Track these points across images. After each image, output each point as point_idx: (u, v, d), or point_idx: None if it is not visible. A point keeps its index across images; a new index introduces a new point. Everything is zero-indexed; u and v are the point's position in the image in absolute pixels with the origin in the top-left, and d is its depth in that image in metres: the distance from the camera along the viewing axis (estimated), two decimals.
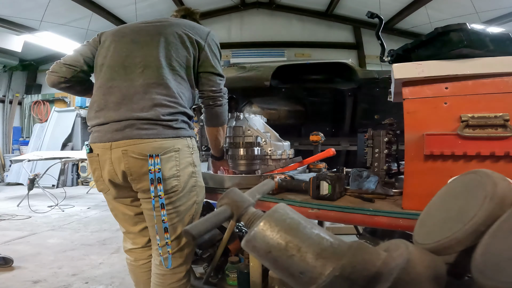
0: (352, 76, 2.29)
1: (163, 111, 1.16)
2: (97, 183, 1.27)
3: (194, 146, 1.27)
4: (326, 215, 1.21)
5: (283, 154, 1.76)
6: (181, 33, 1.27)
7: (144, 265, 1.42)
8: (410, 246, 0.52)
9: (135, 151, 1.12)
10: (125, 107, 1.16)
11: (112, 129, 1.15)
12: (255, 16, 8.06)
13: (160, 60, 1.21)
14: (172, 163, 1.17)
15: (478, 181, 0.56)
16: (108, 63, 1.25)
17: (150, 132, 1.13)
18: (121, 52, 1.25)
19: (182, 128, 1.22)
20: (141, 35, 1.27)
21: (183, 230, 0.61)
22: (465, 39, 1.01)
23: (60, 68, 1.30)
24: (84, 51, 1.33)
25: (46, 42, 5.65)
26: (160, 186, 1.12)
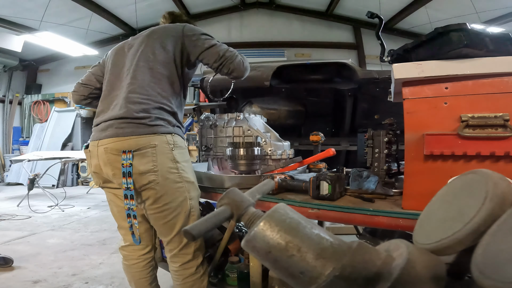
0: (352, 76, 2.29)
1: (135, 108, 1.25)
2: (92, 177, 1.41)
3: (176, 142, 1.31)
4: (326, 215, 1.21)
5: (283, 154, 1.76)
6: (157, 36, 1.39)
7: (135, 265, 1.47)
8: (410, 246, 0.52)
9: (113, 148, 1.23)
10: (109, 109, 1.32)
11: (99, 129, 1.30)
12: (255, 16, 8.06)
13: (137, 64, 1.34)
14: (147, 159, 1.23)
15: (478, 181, 0.56)
16: (107, 78, 1.43)
17: (126, 131, 1.23)
18: (114, 69, 1.42)
19: (159, 125, 1.27)
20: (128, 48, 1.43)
21: (183, 230, 0.62)
22: (465, 39, 1.00)
23: (79, 87, 1.55)
24: (95, 71, 1.53)
25: (46, 42, 5.65)
26: (130, 180, 1.20)
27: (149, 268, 1.50)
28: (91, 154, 1.33)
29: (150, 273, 1.50)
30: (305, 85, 2.57)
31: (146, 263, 1.48)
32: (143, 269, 1.48)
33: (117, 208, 1.42)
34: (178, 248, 1.35)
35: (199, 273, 1.39)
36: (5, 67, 7.58)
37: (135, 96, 1.27)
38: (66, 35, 5.59)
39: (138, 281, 1.48)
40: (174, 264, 1.38)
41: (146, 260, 1.48)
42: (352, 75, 2.28)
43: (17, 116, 8.30)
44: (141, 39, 1.41)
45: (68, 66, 8.24)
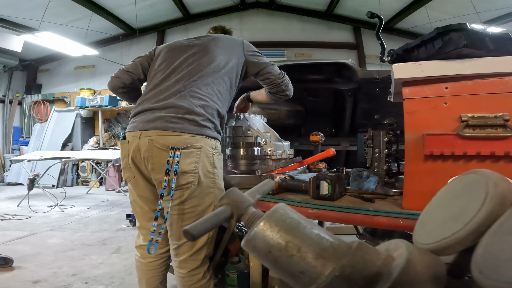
0: (352, 76, 2.29)
1: (196, 102, 1.26)
2: (124, 171, 1.35)
3: (217, 148, 1.32)
4: (326, 215, 1.21)
5: (283, 154, 1.76)
6: (221, 44, 1.44)
7: (150, 263, 1.44)
8: (410, 246, 0.52)
9: (159, 141, 1.20)
10: (163, 96, 1.29)
11: (145, 120, 1.26)
12: (255, 16, 8.06)
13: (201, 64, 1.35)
14: (192, 159, 1.22)
15: (478, 181, 0.56)
16: (160, 70, 1.40)
17: (177, 126, 1.21)
18: (170, 61, 1.40)
19: (208, 127, 1.27)
20: (188, 47, 1.43)
21: (183, 230, 0.61)
22: (465, 39, 1.01)
23: (122, 74, 1.49)
24: (141, 62, 1.50)
25: (46, 42, 5.65)
26: (174, 178, 1.17)
27: (163, 266, 1.47)
28: (130, 145, 1.27)
29: (162, 272, 1.48)
30: (305, 85, 2.57)
31: (162, 262, 1.45)
32: (158, 267, 1.45)
33: (141, 210, 1.39)
34: (189, 254, 1.30)
35: (205, 278, 1.35)
36: (5, 67, 7.59)
37: (198, 91, 1.29)
38: (66, 35, 5.59)
39: (149, 279, 1.44)
40: (182, 270, 1.33)
41: (162, 258, 1.45)
42: (352, 75, 2.28)
43: (17, 116, 8.30)
44: (205, 43, 1.43)
45: (68, 66, 8.24)
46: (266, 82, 1.52)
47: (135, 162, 1.28)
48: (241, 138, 1.71)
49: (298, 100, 2.78)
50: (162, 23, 7.91)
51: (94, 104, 7.17)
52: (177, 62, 1.39)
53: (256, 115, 1.87)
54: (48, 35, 5.33)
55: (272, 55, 7.42)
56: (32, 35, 5.40)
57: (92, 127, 7.96)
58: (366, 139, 1.39)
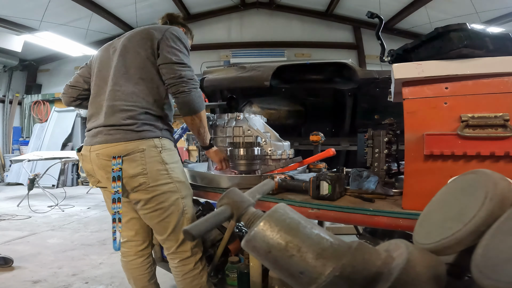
0: (352, 76, 2.29)
1: (123, 115, 1.28)
2: (88, 178, 1.44)
3: (164, 145, 1.33)
4: (326, 215, 1.21)
5: (283, 154, 1.76)
6: (139, 38, 1.36)
7: (132, 262, 1.49)
8: (410, 246, 0.52)
9: (103, 153, 1.27)
10: (97, 116, 1.35)
11: (90, 135, 1.35)
12: (255, 16, 8.06)
13: (118, 69, 1.34)
14: (137, 163, 1.27)
15: (478, 181, 0.56)
16: (94, 80, 1.44)
17: (115, 137, 1.26)
18: (98, 69, 1.43)
19: (146, 130, 1.30)
20: (108, 50, 1.43)
21: (183, 230, 0.62)
22: (465, 39, 1.00)
23: (67, 89, 1.56)
24: (82, 72, 1.55)
25: (46, 42, 5.65)
26: (119, 183, 1.24)
27: (147, 264, 1.51)
28: (84, 158, 1.37)
29: (148, 269, 1.52)
30: (305, 85, 2.57)
31: (143, 259, 1.50)
32: (141, 265, 1.50)
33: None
34: (175, 246, 1.39)
35: (197, 269, 1.42)
36: (5, 67, 7.59)
37: (120, 103, 1.29)
38: (66, 35, 5.59)
39: (137, 277, 1.50)
40: (173, 260, 1.42)
41: (143, 256, 1.51)
42: (352, 75, 2.28)
43: (17, 116, 8.30)
44: (122, 42, 1.38)
45: (68, 66, 8.24)
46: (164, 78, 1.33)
47: (91, 171, 1.37)
48: (241, 138, 1.71)
49: (298, 100, 2.78)
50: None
51: None
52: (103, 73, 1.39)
53: (256, 115, 1.87)
54: (48, 35, 5.34)
55: (272, 55, 7.43)
56: (32, 35, 5.40)
57: None
58: (366, 139, 1.39)
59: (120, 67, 1.34)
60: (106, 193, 1.45)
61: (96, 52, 1.52)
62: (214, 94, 2.62)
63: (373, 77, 2.21)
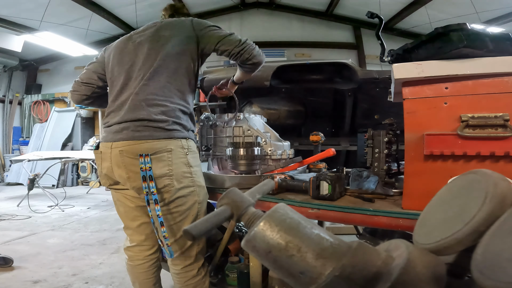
0: (352, 76, 2.29)
1: (154, 110, 1.24)
2: (100, 178, 1.37)
3: (190, 147, 1.31)
4: (326, 215, 1.21)
5: (283, 154, 1.76)
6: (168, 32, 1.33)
7: (140, 266, 1.44)
8: (410, 246, 0.52)
9: (129, 151, 1.21)
10: (120, 111, 1.28)
11: (113, 131, 1.27)
12: (255, 16, 8.06)
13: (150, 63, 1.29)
14: (163, 163, 1.23)
15: (478, 181, 0.56)
16: (115, 76, 1.36)
17: (143, 134, 1.22)
18: (122, 65, 1.35)
19: (175, 129, 1.26)
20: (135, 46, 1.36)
21: (183, 230, 0.61)
22: (465, 39, 1.00)
23: (79, 87, 1.47)
24: (96, 69, 1.46)
25: (46, 42, 5.65)
26: (152, 183, 1.19)
27: (154, 268, 1.48)
28: (103, 156, 1.30)
29: (154, 274, 1.48)
30: (305, 85, 2.57)
31: (151, 264, 1.46)
32: (148, 270, 1.45)
33: (124, 209, 1.40)
34: (180, 251, 1.33)
35: (200, 275, 1.38)
36: (5, 67, 7.58)
37: (152, 97, 1.25)
38: (66, 35, 5.59)
39: (143, 281, 1.45)
40: (176, 267, 1.36)
41: (151, 260, 1.46)
42: (352, 75, 2.28)
43: (17, 116, 8.30)
44: (149, 35, 1.34)
45: (68, 66, 8.24)
46: (226, 55, 1.37)
47: (106, 171, 1.30)
48: (241, 138, 1.71)
49: (298, 100, 2.78)
50: None
51: None
52: (128, 66, 1.33)
53: (256, 115, 1.88)
54: (48, 35, 5.34)
55: (272, 55, 7.42)
56: (32, 35, 5.40)
57: (92, 127, 7.96)
58: (366, 139, 1.39)
59: (150, 59, 1.29)
60: (117, 194, 1.39)
61: (109, 47, 1.44)
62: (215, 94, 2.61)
63: (373, 77, 2.21)
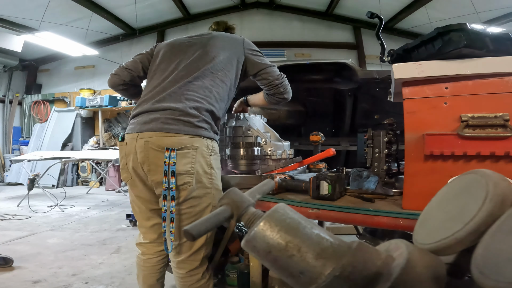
0: (352, 76, 2.29)
1: (190, 104, 1.25)
2: (122, 171, 1.36)
3: (214, 148, 1.32)
4: (326, 215, 1.21)
5: (283, 154, 1.76)
6: (221, 44, 1.43)
7: (148, 260, 1.46)
8: (410, 246, 0.52)
9: (155, 143, 1.20)
10: (159, 98, 1.29)
11: (141, 121, 1.27)
12: (255, 16, 8.05)
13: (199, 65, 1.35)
14: (187, 160, 1.22)
15: (478, 181, 0.56)
16: (160, 69, 1.40)
17: (172, 127, 1.21)
18: (169, 62, 1.40)
19: (203, 128, 1.27)
20: (187, 47, 1.43)
21: (183, 230, 0.61)
22: (465, 39, 1.00)
23: (122, 71, 1.49)
24: (142, 59, 1.50)
25: (46, 42, 5.64)
26: (172, 179, 1.19)
27: (161, 264, 1.48)
28: (127, 147, 1.29)
29: (160, 269, 1.48)
30: (305, 85, 2.57)
31: (160, 259, 1.46)
32: (155, 265, 1.46)
33: (140, 209, 1.41)
34: (188, 254, 1.31)
35: (205, 278, 1.36)
36: (5, 67, 7.58)
37: (193, 94, 1.28)
38: (66, 35, 5.59)
39: (146, 275, 1.46)
40: (181, 270, 1.34)
41: (161, 256, 1.46)
42: (352, 75, 2.28)
43: (17, 116, 8.29)
44: (203, 40, 1.43)
45: (68, 66, 8.24)
46: (263, 82, 1.49)
47: (132, 163, 1.28)
48: (241, 138, 1.71)
49: (298, 100, 2.78)
50: (162, 23, 7.91)
51: (94, 104, 7.17)
52: (175, 62, 1.39)
53: (256, 115, 1.87)
54: (48, 35, 5.33)
55: (272, 55, 7.42)
56: (32, 35, 5.40)
57: (92, 127, 7.96)
58: (366, 139, 1.39)
59: (199, 61, 1.35)
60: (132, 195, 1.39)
61: (162, 43, 1.51)
62: None
63: (373, 77, 2.20)
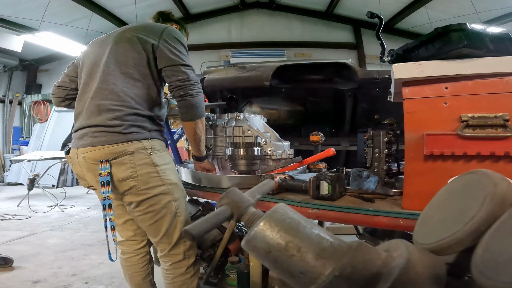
0: (352, 76, 2.29)
1: (109, 116, 1.21)
2: (79, 180, 1.40)
3: (154, 146, 1.28)
4: (326, 215, 1.21)
5: (283, 154, 1.76)
6: (131, 36, 1.31)
7: (129, 259, 1.50)
8: (410, 246, 0.52)
9: (90, 157, 1.22)
10: (82, 116, 1.28)
11: (76, 137, 1.28)
12: (255, 16, 8.06)
13: (108, 66, 1.28)
14: (125, 166, 1.22)
15: (478, 181, 0.56)
16: (82, 78, 1.37)
17: (100, 140, 1.21)
18: (86, 67, 1.36)
19: (133, 132, 1.23)
20: (98, 47, 1.36)
21: (183, 230, 0.62)
22: (465, 39, 1.00)
23: (55, 90, 1.51)
24: (69, 72, 1.48)
25: (46, 42, 5.65)
26: (108, 188, 1.21)
27: (144, 262, 1.52)
28: (72, 161, 1.31)
29: (144, 267, 1.52)
30: (305, 85, 2.57)
31: (140, 257, 1.51)
32: (138, 263, 1.50)
33: None
34: (167, 249, 1.36)
35: (189, 274, 1.40)
36: (5, 67, 7.58)
37: (107, 103, 1.22)
38: (66, 35, 5.60)
39: (132, 274, 1.51)
40: (165, 263, 1.40)
41: (140, 254, 1.50)
42: (352, 75, 2.28)
43: (17, 116, 8.30)
44: (114, 38, 1.33)
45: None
46: (167, 81, 1.33)
47: (81, 175, 1.34)
48: (241, 138, 1.71)
49: (298, 100, 2.78)
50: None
51: None
52: (89, 68, 1.33)
53: (256, 115, 1.87)
54: (48, 35, 5.34)
55: (272, 55, 7.43)
56: (32, 35, 5.40)
57: None
58: (366, 139, 1.39)
59: (110, 64, 1.27)
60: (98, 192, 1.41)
61: (84, 49, 1.44)
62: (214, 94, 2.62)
63: (373, 77, 2.20)
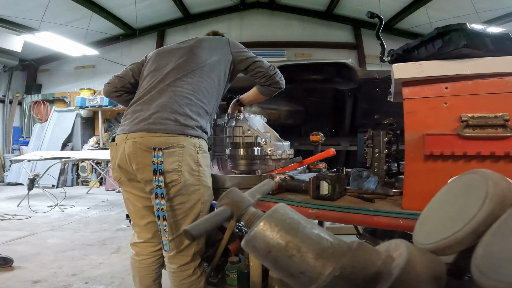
0: (352, 76, 2.29)
1: (180, 101, 1.30)
2: (112, 171, 1.41)
3: (202, 146, 1.34)
4: (326, 215, 1.21)
5: (283, 154, 1.76)
6: (208, 44, 1.49)
7: (143, 261, 1.47)
8: (410, 246, 0.52)
9: (142, 143, 1.25)
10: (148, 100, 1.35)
11: (130, 122, 1.31)
12: (255, 16, 8.05)
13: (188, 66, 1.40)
14: (174, 158, 1.25)
15: (478, 181, 0.56)
16: (149, 75, 1.46)
17: (159, 127, 1.25)
18: (158, 66, 1.46)
19: (190, 126, 1.30)
20: (175, 50, 1.50)
21: (183, 230, 0.62)
22: (465, 39, 1.00)
23: (114, 80, 1.59)
24: (132, 68, 1.59)
25: (46, 42, 5.64)
26: (161, 177, 1.23)
27: (157, 265, 1.50)
28: (117, 147, 1.33)
29: (156, 270, 1.50)
30: (305, 85, 2.57)
31: (155, 260, 1.48)
32: (151, 265, 1.48)
33: (134, 207, 1.44)
34: (178, 249, 1.35)
35: (196, 275, 1.39)
36: (5, 67, 7.58)
37: (181, 90, 1.32)
38: (66, 35, 5.59)
39: (143, 276, 1.48)
40: (172, 265, 1.37)
41: (155, 256, 1.48)
42: (352, 75, 2.28)
43: (17, 116, 8.30)
44: (190, 45, 1.48)
45: (68, 66, 8.24)
46: (258, 75, 1.52)
47: (121, 163, 1.33)
48: (241, 138, 1.71)
49: (298, 100, 2.78)
50: (162, 23, 7.91)
51: (94, 104, 7.17)
52: (163, 65, 1.44)
53: (256, 115, 1.87)
54: (48, 35, 5.33)
55: (272, 55, 7.42)
56: (32, 35, 5.40)
57: (92, 127, 7.97)
58: (366, 139, 1.39)
59: (187, 62, 1.40)
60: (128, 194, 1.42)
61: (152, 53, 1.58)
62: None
63: (373, 77, 2.20)
